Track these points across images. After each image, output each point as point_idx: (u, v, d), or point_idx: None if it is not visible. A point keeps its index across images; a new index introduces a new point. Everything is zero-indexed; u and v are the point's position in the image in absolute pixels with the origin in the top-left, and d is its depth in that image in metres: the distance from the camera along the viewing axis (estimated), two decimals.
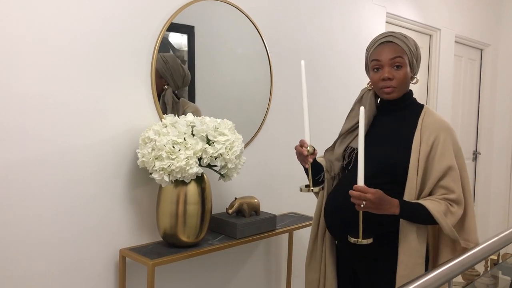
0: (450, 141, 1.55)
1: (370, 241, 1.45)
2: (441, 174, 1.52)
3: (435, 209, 1.49)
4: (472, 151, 4.46)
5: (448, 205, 1.51)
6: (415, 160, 1.53)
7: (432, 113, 1.61)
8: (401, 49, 1.57)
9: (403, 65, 1.57)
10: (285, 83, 2.41)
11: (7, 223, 1.51)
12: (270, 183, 2.39)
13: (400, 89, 1.59)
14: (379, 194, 1.45)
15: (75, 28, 1.62)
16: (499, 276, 2.33)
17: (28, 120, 1.53)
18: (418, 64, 1.64)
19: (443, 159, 1.52)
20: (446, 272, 1.21)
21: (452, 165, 1.52)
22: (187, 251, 1.75)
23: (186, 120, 1.76)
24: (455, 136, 1.58)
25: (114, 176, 1.76)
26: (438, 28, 3.66)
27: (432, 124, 1.56)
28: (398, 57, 1.56)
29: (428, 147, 1.53)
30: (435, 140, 1.54)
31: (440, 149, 1.53)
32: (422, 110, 1.62)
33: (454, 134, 1.58)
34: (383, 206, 1.46)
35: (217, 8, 2.06)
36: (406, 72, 1.57)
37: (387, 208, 1.47)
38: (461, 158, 1.58)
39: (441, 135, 1.54)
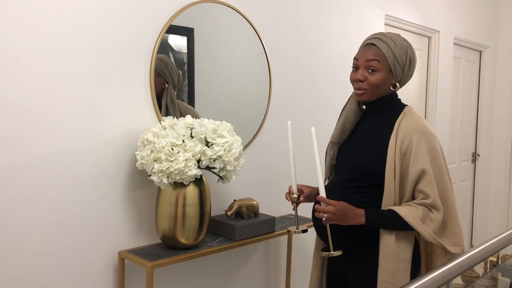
0: (423, 144, 1.49)
1: (340, 253, 1.50)
2: (416, 178, 1.49)
3: (410, 216, 1.46)
4: (472, 152, 4.46)
5: (428, 210, 1.48)
6: (391, 165, 1.50)
7: (411, 116, 1.56)
8: (381, 53, 1.52)
9: (378, 70, 1.53)
10: (284, 85, 2.41)
11: (6, 225, 1.51)
12: (269, 185, 2.39)
13: (372, 92, 1.55)
14: (341, 206, 1.47)
15: (73, 29, 1.62)
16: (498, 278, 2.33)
17: (26, 123, 1.53)
18: (406, 71, 1.56)
19: (416, 163, 1.48)
20: (445, 273, 1.21)
21: (424, 169, 1.47)
22: (186, 253, 1.75)
23: (185, 122, 1.76)
24: (431, 139, 1.51)
25: (113, 178, 1.76)
26: (437, 30, 3.67)
27: (407, 128, 1.52)
28: (374, 60, 1.52)
29: (403, 151, 1.50)
30: (409, 144, 1.49)
31: (413, 153, 1.49)
32: (401, 113, 1.57)
33: (430, 137, 1.51)
34: (346, 217, 1.47)
35: (217, 10, 2.06)
36: (380, 77, 1.53)
37: (352, 219, 1.48)
38: (439, 161, 1.51)
39: (414, 138, 1.50)
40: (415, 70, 1.64)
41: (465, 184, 4.40)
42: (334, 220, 1.47)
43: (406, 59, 1.55)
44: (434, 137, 1.53)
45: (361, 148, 1.60)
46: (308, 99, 2.57)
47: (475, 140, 4.51)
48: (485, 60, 4.43)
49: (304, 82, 2.55)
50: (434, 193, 1.48)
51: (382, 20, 3.08)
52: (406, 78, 1.60)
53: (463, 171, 4.34)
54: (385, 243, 1.51)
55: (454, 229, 1.52)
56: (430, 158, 1.49)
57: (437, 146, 1.52)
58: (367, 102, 1.60)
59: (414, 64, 1.59)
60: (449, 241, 1.51)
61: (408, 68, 1.57)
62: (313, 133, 1.53)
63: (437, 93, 3.74)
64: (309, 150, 1.58)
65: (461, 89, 4.21)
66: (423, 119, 1.57)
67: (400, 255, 1.50)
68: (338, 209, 1.46)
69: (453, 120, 4.08)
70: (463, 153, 4.31)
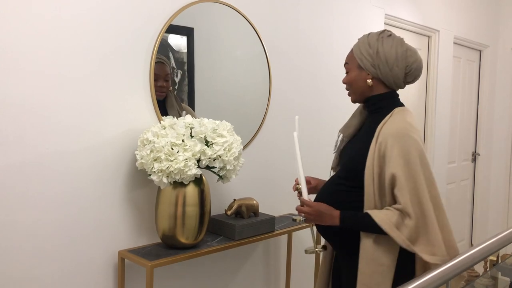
0: (396, 149, 1.45)
1: (323, 250, 1.64)
2: (389, 182, 1.47)
3: (383, 220, 1.44)
4: (471, 152, 4.46)
5: (403, 216, 1.45)
6: (369, 167, 1.50)
7: (395, 118, 1.52)
8: (351, 54, 1.62)
9: (349, 70, 1.62)
10: (284, 84, 2.41)
11: (6, 225, 1.51)
12: (269, 184, 2.39)
13: (353, 92, 1.64)
14: (317, 208, 1.54)
15: (73, 29, 1.62)
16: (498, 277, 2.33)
17: (26, 123, 1.53)
18: (376, 63, 1.54)
19: (389, 167, 1.46)
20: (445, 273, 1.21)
21: (395, 174, 1.45)
22: (185, 252, 1.75)
23: (185, 122, 1.76)
24: (406, 143, 1.46)
25: (113, 178, 1.76)
26: (436, 30, 3.67)
27: (385, 131, 1.50)
28: (346, 64, 1.64)
29: (381, 154, 1.48)
30: (385, 147, 1.47)
31: (387, 157, 1.46)
32: (389, 115, 1.54)
33: (405, 140, 1.46)
34: (322, 218, 1.54)
35: (216, 10, 2.06)
36: (350, 77, 1.62)
37: (327, 220, 1.54)
38: (413, 166, 1.45)
39: (389, 141, 1.47)
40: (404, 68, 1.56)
41: (465, 183, 4.40)
42: (312, 220, 1.56)
43: (370, 49, 1.55)
44: (410, 141, 1.47)
45: (352, 148, 1.63)
46: (308, 98, 2.57)
47: (475, 139, 4.51)
48: (485, 59, 4.43)
49: (304, 82, 2.55)
50: (405, 199, 1.43)
51: (382, 20, 3.08)
52: (386, 74, 1.55)
53: (463, 171, 4.34)
54: (363, 245, 1.51)
55: (430, 238, 1.44)
56: (402, 162, 1.45)
57: (412, 150, 1.46)
58: (360, 102, 1.67)
59: (386, 55, 1.54)
60: (424, 249, 1.44)
61: (380, 61, 1.54)
62: (295, 137, 1.66)
63: (437, 93, 3.74)
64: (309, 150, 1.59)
65: (461, 89, 4.21)
66: (406, 122, 1.51)
67: (378, 258, 1.49)
68: (314, 210, 1.54)
69: (453, 120, 4.08)
70: (463, 153, 4.31)
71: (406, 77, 1.59)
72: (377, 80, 1.57)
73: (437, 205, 1.48)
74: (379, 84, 1.58)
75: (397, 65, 1.54)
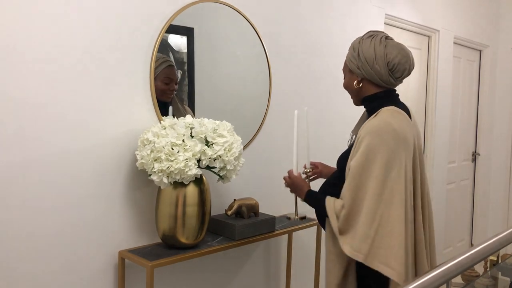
0: (363, 143, 1.49)
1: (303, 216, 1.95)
2: (347, 174, 1.54)
3: (329, 206, 1.56)
4: (472, 152, 4.46)
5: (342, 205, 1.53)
6: (348, 162, 1.57)
7: (378, 117, 1.54)
8: (345, 59, 1.68)
9: (345, 74, 1.70)
10: (284, 84, 2.41)
11: (6, 224, 1.51)
12: (269, 184, 2.39)
13: (352, 96, 1.70)
14: (293, 181, 1.81)
15: (73, 30, 1.62)
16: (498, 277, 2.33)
17: (27, 122, 1.53)
18: (359, 64, 1.58)
19: (350, 159, 1.54)
20: (445, 272, 1.20)
21: (350, 165, 1.52)
22: (186, 252, 1.75)
23: (185, 122, 1.76)
24: (374, 139, 1.47)
25: (113, 178, 1.76)
26: (436, 30, 3.67)
27: (364, 128, 1.53)
28: (343, 68, 1.71)
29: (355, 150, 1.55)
30: (358, 143, 1.53)
31: (354, 151, 1.53)
32: (374, 114, 1.56)
33: (373, 138, 1.48)
34: (295, 190, 1.81)
35: (216, 10, 2.06)
36: (346, 81, 1.69)
37: (298, 193, 1.79)
38: (371, 164, 1.47)
39: (360, 137, 1.52)
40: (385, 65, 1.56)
41: (465, 183, 4.41)
42: (290, 190, 1.84)
43: (356, 54, 1.60)
44: (378, 140, 1.47)
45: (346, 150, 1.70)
46: (308, 98, 2.57)
47: (475, 139, 4.51)
48: (485, 59, 4.43)
49: (304, 82, 2.54)
50: (344, 190, 1.53)
51: (382, 20, 3.08)
52: (369, 74, 1.57)
53: (463, 170, 4.34)
54: (326, 229, 1.64)
55: (357, 231, 1.48)
56: (362, 157, 1.48)
57: (375, 149, 1.47)
58: (359, 104, 1.72)
59: (367, 58, 1.56)
60: (348, 242, 1.50)
61: (361, 62, 1.58)
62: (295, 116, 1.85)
63: (437, 93, 3.74)
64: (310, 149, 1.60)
65: (461, 89, 4.21)
66: (384, 121, 1.51)
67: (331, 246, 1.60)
68: (291, 182, 1.82)
69: (453, 119, 4.08)
70: (463, 152, 4.31)
71: (393, 73, 1.57)
72: (366, 81, 1.62)
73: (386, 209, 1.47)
74: (368, 84, 1.62)
75: (377, 63, 1.56)
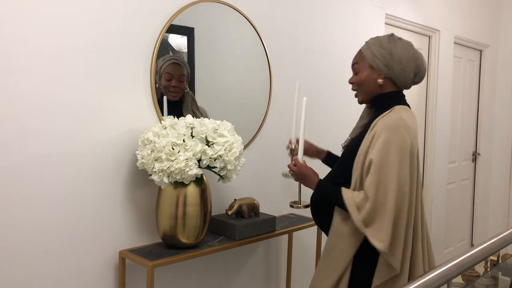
0: (382, 137, 1.53)
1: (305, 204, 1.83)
2: (366, 168, 1.55)
3: (348, 198, 1.55)
4: (472, 152, 4.46)
5: (365, 198, 1.54)
6: (360, 156, 1.59)
7: (393, 113, 1.59)
8: (361, 55, 1.67)
9: (359, 71, 1.67)
10: (284, 84, 2.41)
11: (6, 225, 1.51)
12: (270, 184, 2.39)
13: (362, 92, 1.69)
14: (303, 170, 1.71)
15: (74, 29, 1.62)
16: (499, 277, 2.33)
17: (27, 121, 1.53)
18: (390, 64, 1.61)
19: (369, 153, 1.55)
20: (446, 272, 1.21)
21: (372, 159, 1.53)
22: (186, 252, 1.75)
23: (186, 122, 1.76)
24: (393, 134, 1.53)
25: (114, 178, 1.76)
26: (437, 29, 3.67)
27: (380, 122, 1.57)
28: (355, 64, 1.69)
29: (368, 144, 1.57)
30: (373, 136, 1.56)
31: (372, 145, 1.55)
32: (388, 110, 1.61)
33: (393, 131, 1.53)
34: (303, 180, 1.73)
35: (217, 9, 2.06)
36: (361, 77, 1.67)
37: (307, 183, 1.72)
38: (390, 155, 1.52)
39: (378, 131, 1.55)
40: (415, 68, 1.64)
41: (465, 183, 4.40)
42: (297, 179, 1.76)
43: (383, 51, 1.61)
44: (397, 134, 1.52)
45: (352, 143, 1.71)
46: (308, 98, 2.56)
47: (476, 139, 4.50)
48: (486, 59, 4.43)
49: (305, 82, 2.54)
50: (369, 182, 1.52)
51: (383, 19, 3.08)
52: (399, 74, 1.62)
53: (463, 170, 4.34)
54: (334, 219, 1.64)
55: (383, 225, 1.50)
56: (382, 151, 1.52)
57: (394, 143, 1.52)
58: (367, 102, 1.72)
59: (399, 57, 1.61)
60: (375, 235, 1.51)
61: (391, 60, 1.61)
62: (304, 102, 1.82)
63: (437, 92, 3.74)
64: None
65: (462, 88, 4.21)
66: (400, 118, 1.56)
67: (342, 236, 1.60)
68: (300, 171, 1.72)
69: (454, 119, 4.08)
70: (463, 152, 4.31)
71: (415, 77, 1.68)
72: (387, 80, 1.65)
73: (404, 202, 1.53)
74: (388, 83, 1.66)
75: (409, 65, 1.63)
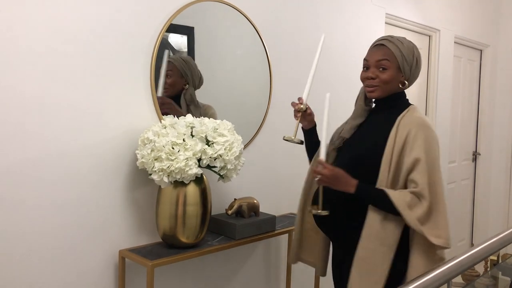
0: (421, 135, 1.57)
1: (326, 213, 1.60)
2: (410, 166, 1.55)
3: (398, 198, 1.52)
4: (472, 151, 4.46)
5: (416, 198, 1.54)
6: (388, 155, 1.58)
7: (414, 112, 1.65)
8: (390, 52, 1.63)
9: (389, 68, 1.64)
10: (285, 84, 2.41)
11: (6, 225, 1.51)
12: (270, 184, 2.39)
13: (382, 89, 1.65)
14: (336, 172, 1.57)
15: (74, 28, 1.62)
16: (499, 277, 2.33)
17: (27, 121, 1.53)
18: (413, 70, 1.66)
19: (412, 152, 1.56)
20: (446, 272, 1.20)
21: (419, 158, 1.54)
22: (186, 252, 1.75)
23: (186, 121, 1.76)
24: (429, 131, 1.59)
25: (114, 177, 1.76)
26: (437, 29, 3.66)
27: (408, 121, 1.61)
28: (384, 60, 1.64)
29: (401, 142, 1.58)
30: (407, 135, 1.58)
31: (410, 143, 1.57)
32: (406, 109, 1.66)
33: (428, 129, 1.60)
34: (338, 183, 1.57)
35: (217, 9, 2.06)
36: (391, 75, 1.64)
37: (343, 186, 1.58)
38: (433, 152, 1.58)
39: (413, 130, 1.58)
40: (420, 71, 1.72)
41: (466, 183, 4.40)
42: (326, 183, 1.58)
43: (413, 59, 1.65)
44: (432, 133, 1.60)
45: (365, 139, 1.68)
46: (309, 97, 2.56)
47: (476, 139, 4.50)
48: (486, 59, 4.43)
49: (305, 81, 2.54)
50: (423, 182, 1.53)
51: (383, 19, 3.08)
52: (413, 77, 1.69)
53: (463, 170, 4.34)
54: (370, 222, 1.58)
55: (439, 221, 1.54)
56: (425, 149, 1.55)
57: (432, 141, 1.59)
58: (377, 99, 1.71)
59: (420, 64, 1.69)
60: (432, 232, 1.53)
61: (415, 67, 1.67)
62: (327, 99, 1.70)
63: (437, 92, 3.73)
64: None
65: (462, 88, 4.20)
66: (425, 116, 1.67)
67: (384, 238, 1.56)
68: (332, 174, 1.56)
69: (454, 119, 4.08)
70: (463, 152, 4.31)
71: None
72: (404, 81, 1.68)
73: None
74: (404, 84, 1.69)
75: (420, 70, 1.72)
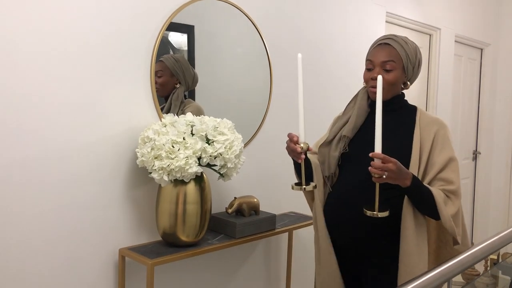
0: (447, 135, 1.62)
1: (386, 214, 1.42)
2: (442, 166, 1.57)
3: (439, 195, 1.51)
4: (472, 150, 4.46)
5: (445, 195, 1.54)
6: (416, 156, 1.58)
7: (427, 113, 1.70)
8: (396, 53, 1.60)
9: (394, 69, 1.60)
10: (285, 82, 2.41)
11: (6, 222, 1.51)
12: (270, 182, 2.38)
13: (387, 90, 1.60)
14: (399, 164, 1.43)
15: (74, 27, 1.62)
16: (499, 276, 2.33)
17: (27, 119, 1.53)
18: (415, 70, 1.66)
19: (444, 151, 1.58)
20: (446, 271, 1.20)
21: (452, 157, 1.58)
22: (186, 250, 1.75)
23: (186, 120, 1.76)
24: (448, 132, 1.65)
25: (113, 176, 1.76)
26: (438, 28, 3.66)
27: (431, 122, 1.64)
28: (390, 61, 1.60)
29: (430, 142, 1.59)
30: (435, 135, 1.60)
31: (440, 143, 1.59)
32: (417, 110, 1.69)
33: (446, 128, 1.65)
34: (401, 175, 1.45)
35: (217, 7, 2.06)
36: (396, 76, 1.60)
37: (403, 179, 1.46)
38: None
39: (441, 130, 1.62)
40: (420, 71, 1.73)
41: (466, 182, 4.40)
42: (392, 178, 1.43)
43: (416, 59, 1.64)
44: (448, 130, 1.66)
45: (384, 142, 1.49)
46: (308, 96, 2.56)
47: (476, 138, 4.50)
48: (486, 57, 4.42)
49: (305, 79, 2.54)
50: (458, 181, 1.56)
51: (383, 18, 3.07)
52: (414, 77, 1.69)
53: (463, 169, 4.33)
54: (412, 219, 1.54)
55: (459, 219, 1.57)
56: (451, 147, 1.60)
57: (450, 138, 1.64)
58: (386, 100, 1.62)
59: (421, 65, 1.70)
60: (458, 231, 1.54)
61: (417, 67, 1.67)
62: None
63: (438, 91, 3.73)
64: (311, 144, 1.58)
65: (462, 87, 4.20)
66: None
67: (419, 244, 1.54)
68: (398, 167, 1.42)
69: (454, 118, 4.08)
70: (463, 151, 4.31)
71: None
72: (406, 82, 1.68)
73: None
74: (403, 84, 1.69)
75: (420, 71, 1.72)
